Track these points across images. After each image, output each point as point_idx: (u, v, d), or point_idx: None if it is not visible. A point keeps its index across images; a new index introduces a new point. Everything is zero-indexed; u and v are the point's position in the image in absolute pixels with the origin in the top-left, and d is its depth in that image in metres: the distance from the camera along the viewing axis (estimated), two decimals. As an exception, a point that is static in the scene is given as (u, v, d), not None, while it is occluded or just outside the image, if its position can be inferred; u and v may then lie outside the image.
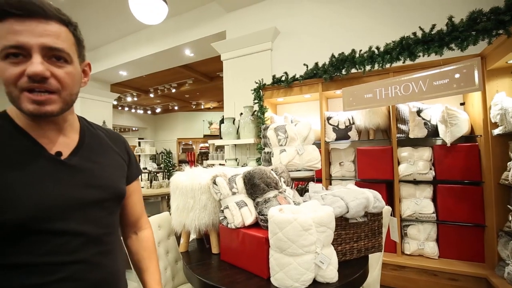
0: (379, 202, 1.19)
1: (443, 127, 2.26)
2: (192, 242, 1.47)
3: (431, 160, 2.37)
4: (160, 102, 9.75)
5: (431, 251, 2.31)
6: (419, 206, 2.34)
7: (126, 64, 5.15)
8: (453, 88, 1.91)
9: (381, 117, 2.54)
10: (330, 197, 1.19)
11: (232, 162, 3.29)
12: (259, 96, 3.02)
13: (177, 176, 1.38)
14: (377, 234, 1.22)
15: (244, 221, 1.14)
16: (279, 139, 1.49)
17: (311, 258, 0.93)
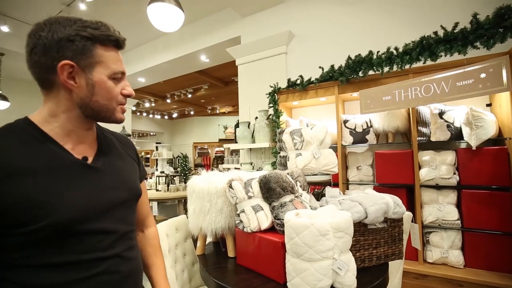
0: (399, 208, 1.15)
1: (467, 130, 2.16)
2: (209, 245, 1.49)
3: (455, 164, 2.26)
4: (176, 107, 9.97)
5: (455, 259, 2.20)
6: (442, 212, 2.25)
7: (144, 71, 5.34)
8: (479, 88, 1.83)
9: (400, 120, 2.47)
10: (347, 202, 1.17)
11: (247, 166, 3.30)
12: (274, 100, 3.03)
13: (194, 180, 1.40)
14: (397, 240, 1.19)
15: (260, 225, 1.14)
16: (294, 143, 1.49)
17: (328, 264, 0.92)
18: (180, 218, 1.54)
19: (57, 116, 0.67)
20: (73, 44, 0.63)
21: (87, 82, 0.65)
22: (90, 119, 0.70)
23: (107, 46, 0.68)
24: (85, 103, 0.67)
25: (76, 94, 0.66)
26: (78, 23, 0.65)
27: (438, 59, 2.14)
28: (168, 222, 1.45)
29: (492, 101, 2.32)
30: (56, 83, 0.65)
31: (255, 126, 3.23)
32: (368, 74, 2.48)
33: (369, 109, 2.35)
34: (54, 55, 0.62)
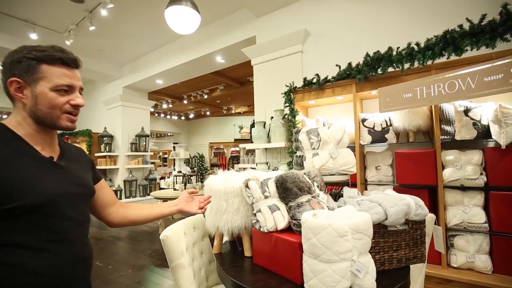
0: (421, 209, 1.11)
1: (496, 128, 2.04)
2: (225, 244, 1.50)
3: (482, 164, 2.15)
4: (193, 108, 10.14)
5: (483, 265, 2.08)
6: (467, 214, 2.14)
7: (161, 73, 5.48)
8: (509, 83, 1.72)
9: (422, 118, 2.38)
10: (366, 203, 1.14)
11: (263, 165, 3.30)
12: (290, 99, 3.01)
13: (210, 179, 1.42)
14: (419, 243, 1.14)
15: (276, 225, 1.14)
16: (311, 143, 1.47)
17: (347, 266, 0.90)
18: (197, 217, 1.56)
19: (21, 123, 0.82)
20: (20, 64, 0.79)
21: (32, 94, 0.80)
22: (42, 125, 0.83)
23: (54, 64, 0.82)
24: (33, 111, 0.81)
25: (26, 104, 0.81)
26: (29, 49, 0.81)
27: (463, 54, 2.04)
28: (185, 220, 1.48)
29: (523, 97, 2.18)
30: (13, 97, 0.82)
31: (271, 126, 3.22)
32: (388, 71, 2.41)
33: (388, 107, 2.28)
34: (8, 74, 0.80)
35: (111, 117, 6.62)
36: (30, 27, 4.34)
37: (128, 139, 6.46)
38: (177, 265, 1.21)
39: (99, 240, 4.24)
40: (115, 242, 4.13)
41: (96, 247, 3.88)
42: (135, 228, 4.94)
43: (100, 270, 3.04)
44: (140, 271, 2.99)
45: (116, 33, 4.74)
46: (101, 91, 7.08)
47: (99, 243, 4.11)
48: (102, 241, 4.21)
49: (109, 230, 4.87)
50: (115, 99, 6.40)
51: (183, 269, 1.22)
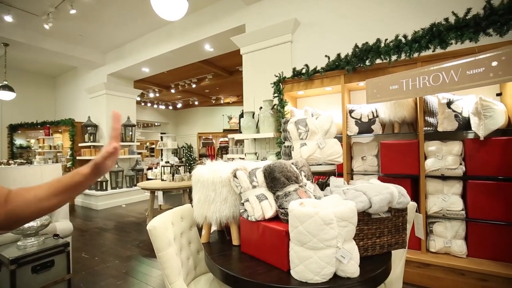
0: (404, 198, 1.15)
1: (476, 120, 2.12)
2: (213, 234, 1.51)
3: (462, 155, 2.24)
4: (181, 98, 9.96)
5: (458, 249, 2.20)
6: (446, 202, 2.24)
7: (148, 61, 5.32)
8: (489, 77, 1.78)
9: (407, 110, 2.43)
10: (352, 192, 1.17)
11: (252, 156, 3.30)
12: (279, 89, 3.00)
13: (198, 169, 1.41)
14: (401, 230, 1.19)
15: (264, 214, 1.16)
16: (299, 133, 1.48)
17: (332, 253, 0.93)
18: (185, 207, 1.56)
19: None
20: None
21: None
22: None
23: None
24: None
25: None
26: None
27: (448, 47, 2.08)
28: (173, 211, 1.47)
29: (502, 90, 2.26)
30: None
31: (260, 116, 3.21)
32: (375, 63, 2.44)
33: (375, 99, 2.31)
34: None
35: (95, 106, 6.41)
36: (4, 9, 4.07)
37: (114, 128, 6.29)
38: (165, 255, 1.21)
39: (84, 232, 4.17)
40: (101, 234, 4.08)
41: (81, 239, 3.82)
42: (122, 219, 4.88)
43: (86, 262, 3.01)
44: (127, 262, 2.98)
45: (99, 18, 4.53)
46: (84, 78, 6.81)
47: (85, 234, 4.04)
48: (88, 232, 4.15)
49: (95, 221, 4.79)
50: (99, 87, 6.18)
51: (170, 259, 1.22)
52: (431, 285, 2.22)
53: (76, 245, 3.52)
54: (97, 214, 5.34)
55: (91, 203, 5.98)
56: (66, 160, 6.65)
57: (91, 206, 5.97)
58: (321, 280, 0.92)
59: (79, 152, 6.25)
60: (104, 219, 4.92)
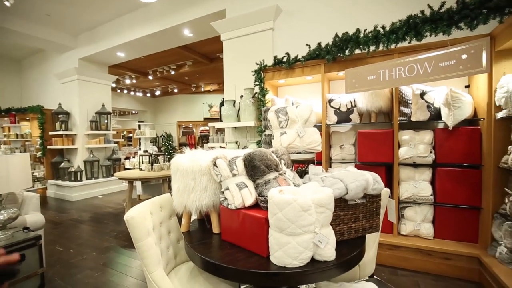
0: (378, 184, 1.20)
1: (446, 110, 2.23)
2: (193, 223, 1.50)
3: (432, 144, 2.36)
4: (159, 85, 9.63)
5: (426, 232, 2.36)
6: (417, 188, 2.37)
7: (123, 45, 5.04)
8: (459, 69, 1.87)
9: (383, 100, 2.51)
10: (329, 179, 1.20)
11: (233, 145, 3.29)
12: (260, 77, 2.97)
13: (177, 158, 1.38)
14: (375, 215, 1.25)
15: (244, 202, 1.16)
16: (279, 121, 1.48)
17: (309, 238, 0.96)
18: (164, 196, 1.53)
19: None
20: None
21: None
22: None
23: None
24: None
25: None
26: None
27: (423, 39, 2.15)
28: (152, 200, 1.44)
29: (470, 82, 2.39)
30: None
31: (241, 105, 3.18)
32: (355, 53, 2.47)
33: (354, 89, 2.36)
34: None
35: (67, 92, 6.02)
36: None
37: (87, 116, 5.98)
38: (143, 244, 1.18)
39: (58, 224, 4.00)
40: (77, 226, 3.93)
41: (55, 232, 3.67)
42: (99, 210, 4.73)
43: (60, 255, 2.90)
44: (105, 253, 2.91)
45: (67, -4, 4.19)
46: (54, 62, 6.35)
47: (58, 227, 3.88)
48: (62, 225, 3.98)
49: (69, 213, 4.60)
50: (70, 72, 5.79)
51: (149, 249, 1.20)
52: (401, 265, 2.38)
53: (49, 238, 3.37)
54: (71, 206, 5.13)
55: (64, 195, 5.72)
56: (36, 150, 6.26)
57: (65, 197, 5.71)
58: (299, 264, 0.95)
59: (50, 141, 5.90)
60: (79, 211, 4.74)
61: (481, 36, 2.00)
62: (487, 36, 1.96)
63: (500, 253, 1.94)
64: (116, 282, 2.31)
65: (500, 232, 1.97)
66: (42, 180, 6.16)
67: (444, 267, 2.22)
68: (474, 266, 2.13)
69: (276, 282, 0.95)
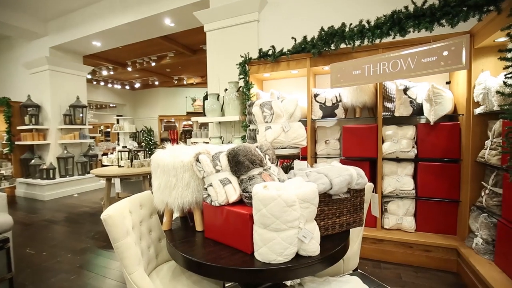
0: (362, 179, 1.23)
1: (428, 106, 2.32)
2: (176, 220, 1.48)
3: (414, 139, 2.46)
4: (139, 77, 9.35)
5: (408, 225, 2.47)
6: (400, 183, 2.46)
7: (99, 34, 4.83)
8: (441, 66, 1.94)
9: (368, 95, 2.57)
10: (314, 174, 1.22)
11: (217, 140, 3.27)
12: (245, 71, 2.96)
13: (158, 154, 1.35)
14: (358, 209, 1.28)
15: (228, 199, 1.16)
16: (264, 116, 1.48)
17: (294, 233, 0.97)
18: (144, 194, 1.50)
19: None
20: None
21: None
22: None
23: None
24: None
25: None
26: None
27: (406, 35, 2.21)
28: (131, 198, 1.40)
29: (451, 79, 2.50)
30: None
31: (225, 99, 3.16)
32: (340, 48, 2.51)
33: (339, 83, 2.40)
34: None
35: (37, 83, 5.71)
36: None
37: (60, 110, 5.71)
38: (122, 244, 1.16)
39: (29, 226, 3.83)
40: (50, 227, 3.78)
41: (25, 234, 3.51)
42: (74, 210, 4.57)
43: (32, 258, 2.78)
44: (81, 255, 2.82)
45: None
46: (22, 51, 5.99)
47: (29, 228, 3.71)
48: (33, 226, 3.81)
49: (41, 213, 4.41)
50: (41, 61, 5.49)
51: (128, 249, 1.17)
52: (384, 258, 2.47)
53: (19, 240, 3.22)
54: (43, 206, 4.92)
55: (35, 194, 5.47)
56: (2, 146, 5.92)
57: (35, 197, 5.46)
58: (283, 260, 0.96)
59: (18, 136, 5.60)
60: (52, 211, 4.55)
61: (462, 33, 2.08)
62: (467, 33, 2.05)
63: (476, 244, 2.07)
64: (93, 285, 2.25)
65: (477, 224, 2.09)
66: (10, 178, 5.85)
67: (424, 259, 2.34)
68: (452, 257, 2.25)
69: (260, 278, 0.96)
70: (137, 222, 1.38)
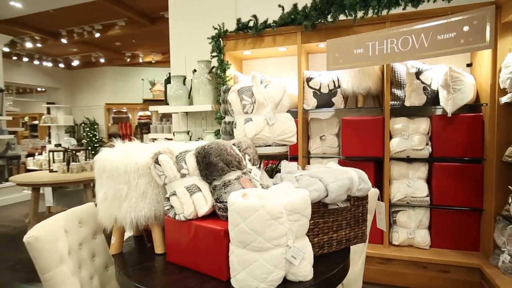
0: (364, 184, 1.27)
1: (444, 93, 2.42)
2: (128, 241, 1.47)
3: (429, 134, 2.56)
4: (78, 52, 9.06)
5: (422, 240, 2.58)
6: (411, 188, 2.56)
7: (21, -7, 4.62)
8: (460, 44, 2.03)
9: (373, 80, 2.64)
10: (306, 178, 1.24)
11: (183, 135, 3.26)
12: (219, 47, 2.95)
13: (104, 154, 1.33)
14: (360, 222, 1.32)
15: (197, 211, 1.16)
16: (243, 105, 1.49)
17: (281, 253, 0.99)
18: (85, 207, 1.48)
19: None
20: None
21: None
22: None
23: None
24: None
25: None
26: None
27: (420, 5, 2.29)
28: (67, 214, 1.37)
29: (473, 60, 2.62)
30: None
31: (193, 83, 3.15)
32: (339, 20, 2.56)
33: (337, 65, 2.45)
34: None
35: None
36: None
37: (-33, 95, 5.44)
38: (54, 276, 1.13)
39: None
40: (-45, 252, 3.59)
41: None
42: (-11, 230, 4.37)
43: None
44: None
45: None
46: None
47: None
48: None
49: None
50: None
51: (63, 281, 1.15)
52: (393, 282, 2.57)
53: None
54: None
55: None
56: None
57: None
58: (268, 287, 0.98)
59: None
60: (-43, 232, 4.33)
61: (486, 4, 2.15)
62: (492, 4, 2.12)
63: (503, 262, 2.17)
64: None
65: (503, 237, 2.19)
66: None
67: (441, 282, 2.45)
68: (475, 279, 2.37)
69: (238, 312, 0.97)
70: (76, 245, 1.36)
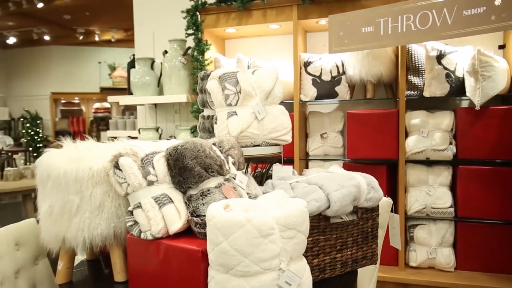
0: (374, 192, 1.28)
1: (472, 81, 2.46)
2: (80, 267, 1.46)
3: (452, 131, 2.60)
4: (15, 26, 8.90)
5: (445, 261, 2.61)
6: (431, 197, 2.60)
7: None
8: (491, 21, 2.05)
9: (385, 64, 2.67)
10: (303, 186, 1.25)
11: (151, 133, 3.25)
12: (196, 23, 2.94)
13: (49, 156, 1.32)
14: (370, 239, 1.34)
15: (167, 227, 1.15)
16: (226, 95, 1.49)
17: (272, 278, 0.99)
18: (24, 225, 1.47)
19: None
20: None
21: None
22: None
23: None
24: None
25: None
26: None
27: (441, -27, 2.32)
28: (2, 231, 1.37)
29: (506, 41, 2.67)
30: None
31: (164, 67, 3.15)
32: (344, -10, 2.58)
33: (342, 46, 2.46)
34: None
35: None
36: None
37: None
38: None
39: None
40: None
41: None
42: None
43: None
44: None
45: None
46: None
47: None
48: None
49: None
50: None
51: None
52: (409, 311, 2.60)
53: None
54: None
55: None
56: None
57: None
58: (255, 321, 0.98)
59: None
60: None
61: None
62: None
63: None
64: None
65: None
66: None
67: (468, 311, 2.49)
68: (509, 307, 2.42)
69: None
70: (11, 273, 1.35)
